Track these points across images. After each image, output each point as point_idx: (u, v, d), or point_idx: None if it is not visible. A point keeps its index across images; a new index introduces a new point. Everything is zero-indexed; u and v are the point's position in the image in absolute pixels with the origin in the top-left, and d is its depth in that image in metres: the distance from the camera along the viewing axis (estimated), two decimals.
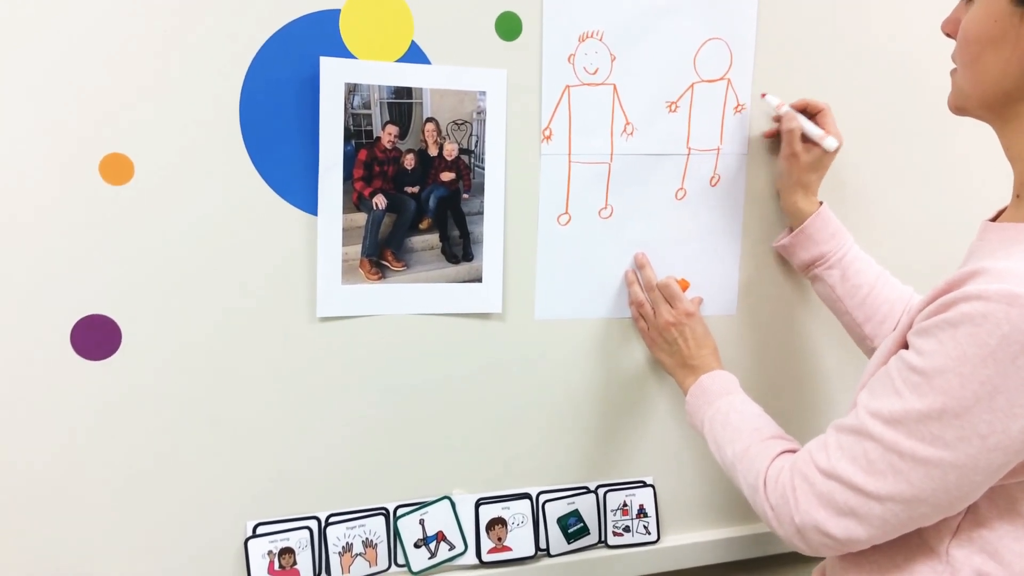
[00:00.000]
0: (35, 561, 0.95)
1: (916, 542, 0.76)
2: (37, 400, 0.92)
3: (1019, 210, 0.78)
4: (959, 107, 0.81)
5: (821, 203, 1.11)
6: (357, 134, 0.97)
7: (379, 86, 0.97)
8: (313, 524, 1.04)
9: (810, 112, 1.10)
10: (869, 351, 1.10)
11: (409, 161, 1.00)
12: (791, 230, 1.14)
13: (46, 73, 0.86)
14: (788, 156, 1.09)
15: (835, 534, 0.73)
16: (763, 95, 1.11)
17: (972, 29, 0.75)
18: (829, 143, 1.07)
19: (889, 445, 0.70)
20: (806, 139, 1.08)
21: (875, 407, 0.72)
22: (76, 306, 0.92)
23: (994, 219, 0.82)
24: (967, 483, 0.69)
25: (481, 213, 1.04)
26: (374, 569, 1.07)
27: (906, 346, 0.74)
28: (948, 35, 0.80)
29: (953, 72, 0.80)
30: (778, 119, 1.12)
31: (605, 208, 1.10)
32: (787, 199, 1.12)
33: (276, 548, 1.02)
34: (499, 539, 1.12)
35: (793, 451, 0.82)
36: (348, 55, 0.96)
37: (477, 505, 1.12)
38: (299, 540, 1.03)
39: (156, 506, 0.99)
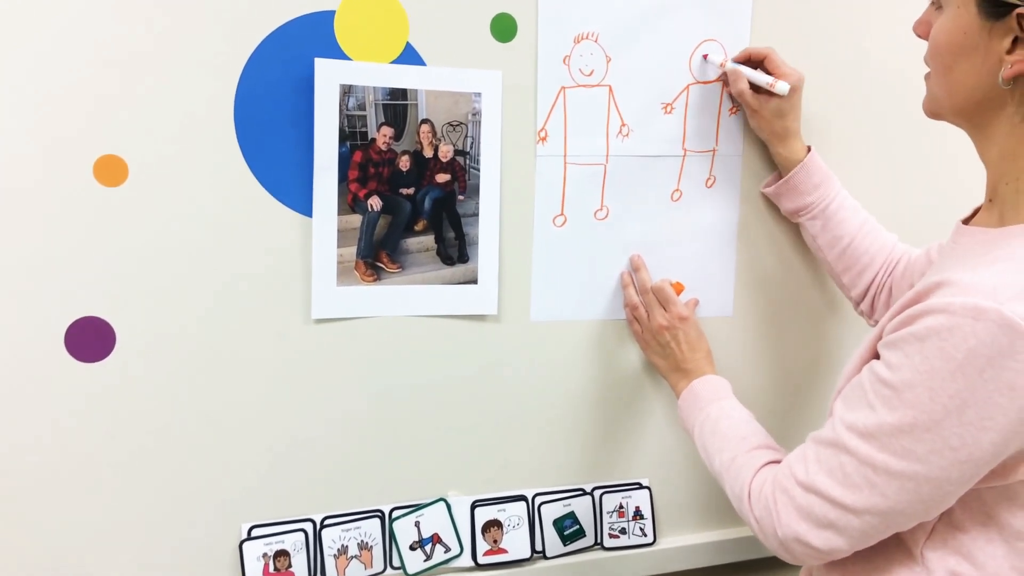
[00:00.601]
0: (29, 564, 0.95)
1: (893, 544, 0.77)
2: (31, 401, 0.92)
3: (990, 214, 0.78)
4: (933, 112, 0.81)
5: (809, 148, 1.09)
6: (352, 135, 0.97)
7: (374, 87, 0.97)
8: (308, 526, 1.04)
9: (754, 61, 1.07)
10: (850, 298, 1.13)
11: (404, 162, 1.00)
12: (780, 176, 1.13)
13: (40, 74, 0.86)
14: (750, 114, 1.08)
15: (817, 545, 0.74)
16: (704, 56, 1.09)
17: (942, 39, 0.76)
18: (780, 87, 1.03)
19: (864, 459, 0.71)
20: (759, 90, 1.06)
21: (850, 420, 0.73)
22: (70, 308, 0.92)
23: (968, 219, 0.82)
24: (941, 493, 0.70)
25: (476, 215, 1.04)
26: (369, 571, 1.07)
27: (878, 355, 0.74)
28: (920, 36, 0.81)
29: (927, 76, 0.81)
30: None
31: (601, 209, 1.10)
32: (771, 150, 1.11)
33: (271, 550, 1.02)
34: (495, 541, 1.12)
35: (778, 462, 0.83)
36: (343, 56, 0.96)
37: (473, 507, 1.11)
38: (294, 542, 1.03)
39: (150, 508, 0.98)
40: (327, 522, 1.05)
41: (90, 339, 0.93)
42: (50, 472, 0.94)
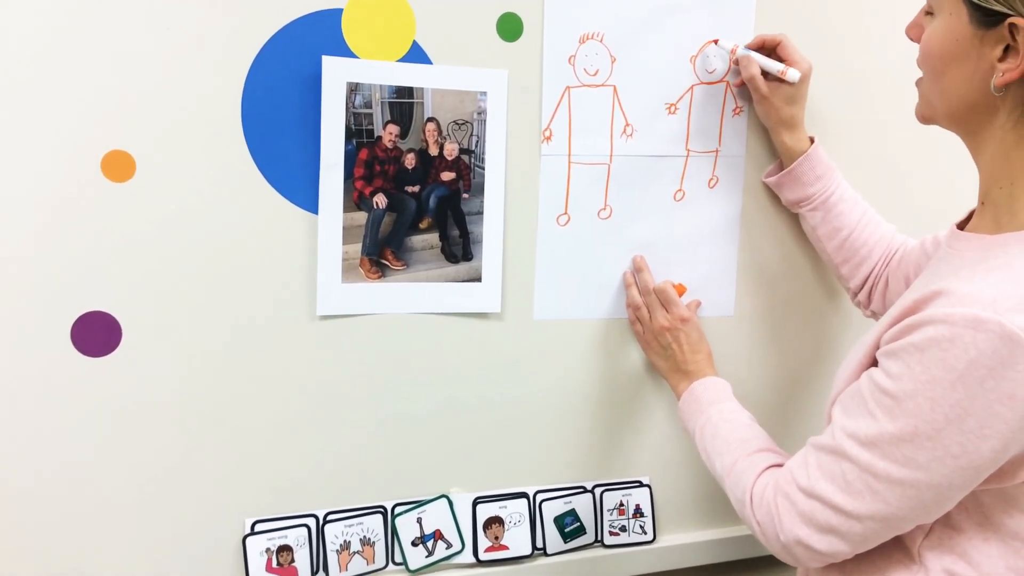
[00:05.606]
0: (31, 556, 0.95)
1: (891, 544, 0.78)
2: (37, 396, 0.92)
3: (984, 218, 0.79)
4: (927, 117, 0.82)
5: (812, 139, 1.10)
6: (358, 133, 0.98)
7: (380, 85, 0.97)
8: (311, 522, 1.05)
9: (767, 48, 1.07)
10: (847, 289, 1.14)
11: (410, 160, 1.01)
12: (781, 166, 1.13)
13: (49, 69, 0.87)
14: (759, 100, 1.08)
15: (820, 549, 0.76)
16: (715, 41, 1.09)
17: (934, 45, 0.77)
18: (791, 75, 1.04)
19: (865, 466, 0.72)
20: (770, 76, 1.06)
21: (851, 428, 0.74)
22: (77, 303, 0.92)
23: (963, 223, 0.83)
24: (942, 498, 0.71)
25: (481, 213, 1.05)
26: (371, 567, 1.08)
27: (876, 362, 0.75)
28: (912, 39, 0.82)
29: (919, 81, 0.82)
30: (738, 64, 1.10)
31: (604, 209, 1.11)
32: (774, 138, 1.11)
33: (274, 546, 1.02)
34: (496, 538, 1.13)
35: (779, 465, 0.84)
36: (350, 54, 0.96)
37: (474, 504, 1.12)
38: (297, 538, 1.04)
39: (155, 503, 0.99)
40: (330, 518, 1.06)
41: (96, 334, 0.93)
42: (54, 465, 0.94)
